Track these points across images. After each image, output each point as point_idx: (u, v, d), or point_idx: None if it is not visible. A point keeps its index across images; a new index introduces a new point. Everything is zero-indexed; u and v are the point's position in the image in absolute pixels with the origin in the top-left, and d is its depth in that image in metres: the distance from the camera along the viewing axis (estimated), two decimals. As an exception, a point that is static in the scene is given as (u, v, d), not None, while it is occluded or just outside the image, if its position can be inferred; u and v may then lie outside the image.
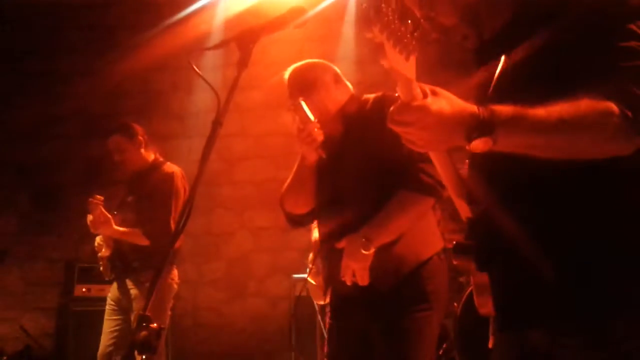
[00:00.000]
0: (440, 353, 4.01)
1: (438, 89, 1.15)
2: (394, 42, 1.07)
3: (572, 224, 1.20)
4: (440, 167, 1.39)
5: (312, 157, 2.19)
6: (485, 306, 1.36)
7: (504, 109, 1.13)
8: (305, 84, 2.27)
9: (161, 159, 3.88)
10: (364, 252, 2.10)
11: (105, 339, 3.75)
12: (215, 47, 1.41)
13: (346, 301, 2.25)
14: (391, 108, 1.14)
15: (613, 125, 1.11)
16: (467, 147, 1.15)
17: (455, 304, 3.74)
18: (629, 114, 1.11)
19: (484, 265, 1.33)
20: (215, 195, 5.27)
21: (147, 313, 1.15)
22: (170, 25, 5.15)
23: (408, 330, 2.14)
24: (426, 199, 2.14)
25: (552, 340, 1.26)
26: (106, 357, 3.72)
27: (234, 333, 5.19)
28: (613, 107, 1.11)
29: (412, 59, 1.10)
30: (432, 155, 1.34)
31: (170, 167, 3.84)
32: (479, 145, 1.12)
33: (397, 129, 1.15)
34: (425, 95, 1.13)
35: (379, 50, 1.09)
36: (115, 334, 3.73)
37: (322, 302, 2.60)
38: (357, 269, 2.12)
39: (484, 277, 1.34)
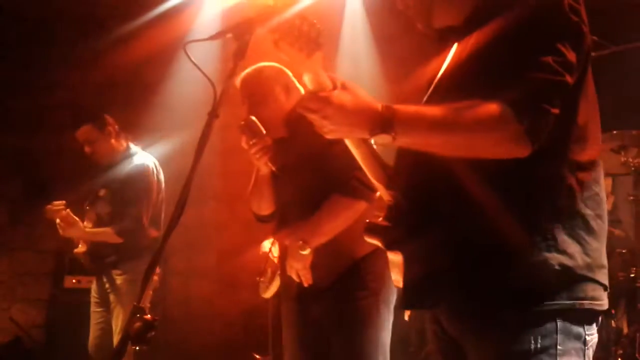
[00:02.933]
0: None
1: (350, 84, 1.28)
2: (291, 41, 1.18)
3: (473, 218, 1.30)
4: (356, 153, 1.47)
5: (265, 170, 2.40)
6: (399, 283, 1.46)
7: (405, 109, 1.25)
8: (255, 98, 2.42)
9: (132, 149, 3.82)
10: (301, 252, 2.29)
11: (93, 331, 3.77)
12: (212, 37, 1.41)
13: (300, 294, 2.41)
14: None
15: (506, 131, 1.21)
16: (370, 141, 1.27)
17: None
18: (524, 122, 1.19)
19: (391, 245, 1.43)
20: (207, 187, 5.26)
21: (141, 305, 1.15)
22: (161, 16, 5.12)
23: (353, 319, 2.30)
24: (356, 202, 2.27)
25: (453, 320, 1.39)
26: (96, 349, 3.74)
27: (225, 325, 5.19)
28: (509, 114, 1.20)
29: (317, 55, 1.21)
30: (348, 142, 1.42)
31: (142, 158, 3.78)
32: (379, 140, 1.24)
33: (305, 114, 1.28)
34: (334, 88, 1.25)
35: (276, 47, 1.20)
36: (100, 325, 3.76)
37: (265, 296, 2.80)
38: (299, 269, 2.31)
39: (398, 256, 1.43)
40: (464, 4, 1.40)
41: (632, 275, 3.53)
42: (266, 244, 2.89)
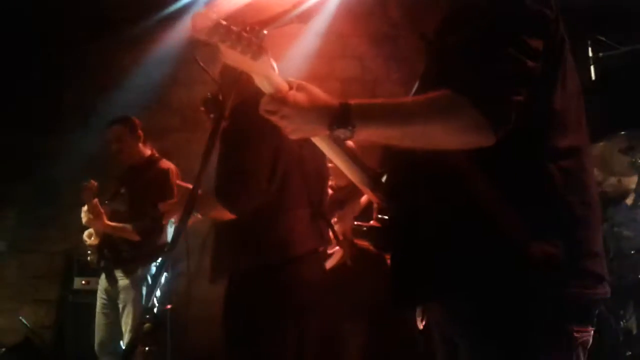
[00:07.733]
0: None
1: (305, 85, 1.29)
2: (231, 44, 1.18)
3: (456, 214, 1.30)
4: (330, 155, 1.47)
5: None
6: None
7: (361, 102, 1.27)
8: None
9: (157, 155, 3.94)
10: None
11: (101, 332, 3.78)
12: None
13: None
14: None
15: (464, 118, 1.20)
16: (330, 136, 1.28)
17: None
18: (485, 110, 1.19)
19: (381, 247, 1.47)
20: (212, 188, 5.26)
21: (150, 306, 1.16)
22: (170, 17, 5.14)
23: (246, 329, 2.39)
24: None
25: (446, 315, 1.40)
26: (103, 348, 3.75)
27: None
28: (466, 101, 1.20)
29: (264, 58, 1.22)
30: (318, 142, 1.42)
31: (165, 163, 3.93)
32: (339, 134, 1.25)
33: (267, 117, 1.29)
34: (291, 89, 1.27)
35: (216, 51, 1.19)
36: (108, 326, 3.75)
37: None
38: None
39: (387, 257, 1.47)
40: (443, 11, 1.43)
41: (641, 276, 3.51)
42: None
